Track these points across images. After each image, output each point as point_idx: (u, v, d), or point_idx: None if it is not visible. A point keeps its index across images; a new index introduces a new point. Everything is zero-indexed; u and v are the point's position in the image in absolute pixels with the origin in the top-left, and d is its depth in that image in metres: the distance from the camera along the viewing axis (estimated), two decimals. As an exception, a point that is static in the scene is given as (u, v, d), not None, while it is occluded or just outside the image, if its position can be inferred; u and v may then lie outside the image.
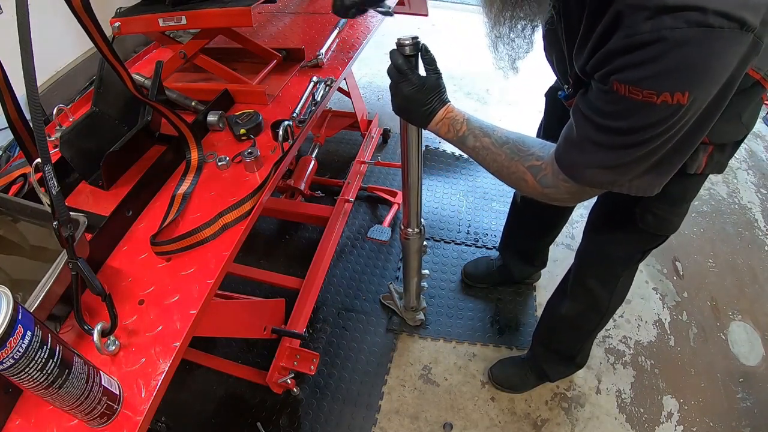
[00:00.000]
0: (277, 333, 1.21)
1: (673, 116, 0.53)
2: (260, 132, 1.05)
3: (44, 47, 2.15)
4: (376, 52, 2.96)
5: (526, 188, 0.76)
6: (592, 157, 0.63)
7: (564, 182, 0.69)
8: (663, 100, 0.51)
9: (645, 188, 0.67)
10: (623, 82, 0.53)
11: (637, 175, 0.64)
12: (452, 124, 0.81)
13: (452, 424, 1.29)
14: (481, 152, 0.78)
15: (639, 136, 0.57)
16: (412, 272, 1.32)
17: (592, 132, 0.61)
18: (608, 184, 0.66)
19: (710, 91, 0.53)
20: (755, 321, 1.53)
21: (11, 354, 0.46)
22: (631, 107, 0.54)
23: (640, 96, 0.52)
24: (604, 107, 0.58)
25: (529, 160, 0.73)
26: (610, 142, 0.60)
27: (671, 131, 0.56)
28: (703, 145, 0.78)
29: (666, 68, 0.50)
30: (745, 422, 1.30)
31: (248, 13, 1.01)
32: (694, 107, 0.53)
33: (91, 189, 0.93)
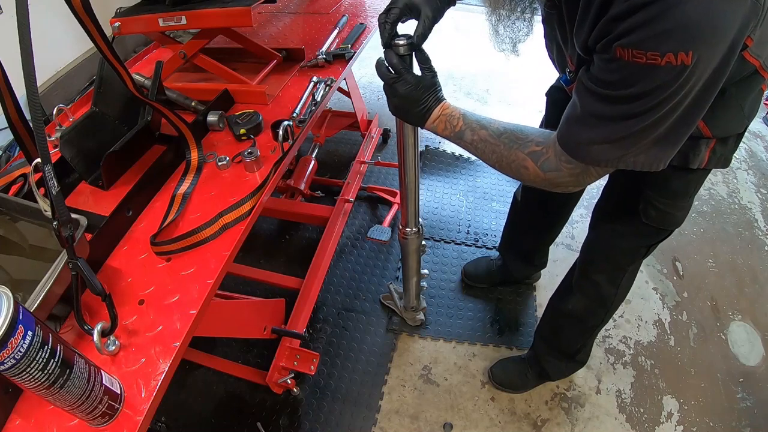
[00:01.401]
0: (277, 333, 1.21)
1: (678, 78, 0.52)
2: (260, 132, 1.05)
3: (44, 47, 2.15)
4: (376, 53, 2.96)
5: (527, 176, 0.74)
6: (597, 131, 0.61)
7: (567, 164, 0.68)
8: (667, 61, 0.50)
9: (651, 162, 0.63)
10: (626, 47, 0.52)
11: (643, 148, 0.61)
12: (449, 121, 0.80)
13: (452, 424, 1.29)
14: (479, 145, 0.78)
15: (645, 103, 0.55)
16: (411, 272, 1.32)
17: (596, 105, 0.60)
18: (614, 160, 0.63)
19: (714, 51, 0.51)
20: (755, 321, 1.53)
21: (12, 354, 0.46)
22: (635, 72, 0.53)
23: (643, 59, 0.51)
24: (608, 77, 0.57)
25: (529, 147, 0.72)
26: (614, 112, 0.58)
27: (677, 96, 0.54)
28: (705, 138, 0.78)
29: (667, 27, 0.49)
30: (745, 422, 1.30)
31: (248, 13, 1.01)
32: (699, 69, 0.52)
33: (91, 189, 0.93)
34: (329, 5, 1.63)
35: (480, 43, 3.05)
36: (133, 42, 2.67)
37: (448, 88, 2.62)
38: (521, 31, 0.75)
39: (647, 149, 0.62)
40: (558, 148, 0.68)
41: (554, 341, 1.28)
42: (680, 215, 0.91)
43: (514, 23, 0.73)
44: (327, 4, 1.65)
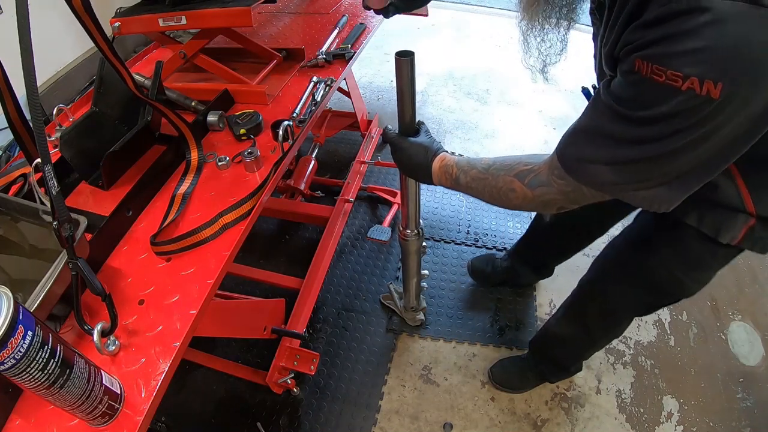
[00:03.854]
0: (277, 333, 1.21)
1: (699, 112, 0.44)
2: (260, 132, 1.05)
3: (44, 47, 2.15)
4: (376, 52, 2.96)
5: (515, 199, 0.70)
6: (600, 150, 0.55)
7: (559, 179, 0.63)
8: (689, 87, 0.42)
9: (652, 202, 0.56)
10: (646, 60, 0.45)
11: (647, 183, 0.54)
12: (446, 171, 0.81)
13: (452, 424, 1.29)
14: (473, 185, 0.76)
15: (656, 131, 0.48)
16: (411, 273, 1.32)
17: (605, 120, 0.54)
18: (610, 185, 0.57)
19: (752, 92, 0.42)
20: (755, 321, 1.53)
21: (12, 354, 0.46)
22: (652, 91, 0.46)
23: (662, 77, 0.44)
24: (623, 92, 0.50)
25: (516, 169, 0.69)
26: (623, 133, 0.52)
27: (695, 133, 0.46)
28: (744, 214, 0.68)
29: (697, 46, 0.40)
30: (745, 422, 1.29)
31: (248, 13, 1.01)
32: (729, 109, 0.43)
33: (91, 189, 0.93)
34: (329, 5, 1.63)
35: (480, 43, 3.05)
36: (133, 42, 2.67)
37: (448, 88, 2.62)
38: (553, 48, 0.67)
39: (652, 186, 0.54)
40: (554, 162, 0.63)
41: (546, 355, 1.28)
42: (693, 287, 0.83)
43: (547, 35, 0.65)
44: (327, 4, 1.65)
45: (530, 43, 0.67)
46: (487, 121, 2.39)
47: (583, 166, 0.58)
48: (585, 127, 0.58)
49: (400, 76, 0.85)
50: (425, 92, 2.61)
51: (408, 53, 0.82)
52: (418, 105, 2.51)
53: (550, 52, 0.68)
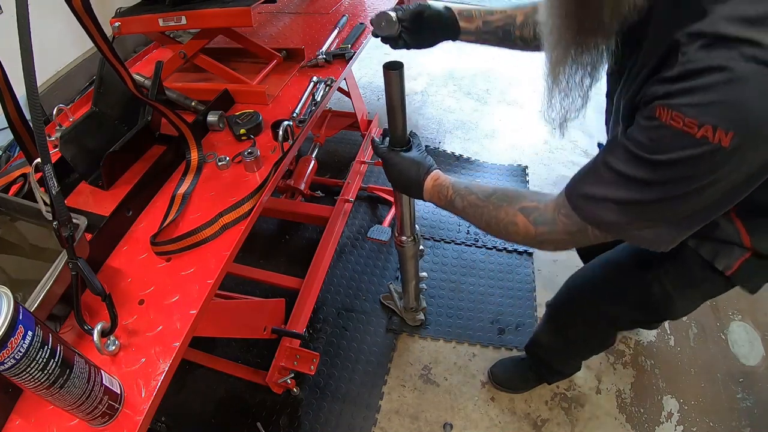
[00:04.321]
0: (277, 333, 1.21)
1: (710, 159, 0.48)
2: (260, 132, 1.05)
3: (44, 47, 2.15)
4: (376, 53, 2.96)
5: (516, 232, 0.71)
6: (611, 189, 0.57)
7: (565, 218, 0.64)
8: (703, 135, 0.47)
9: (654, 241, 0.59)
10: (667, 107, 0.49)
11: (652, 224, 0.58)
12: (440, 192, 0.81)
13: (452, 424, 1.29)
14: (469, 210, 0.77)
15: (668, 175, 0.52)
16: (409, 276, 1.32)
17: (620, 161, 0.56)
18: (615, 226, 0.59)
19: (759, 145, 0.47)
20: (755, 321, 1.53)
21: (12, 354, 0.46)
22: (669, 136, 0.50)
23: (680, 124, 0.48)
24: (642, 136, 0.53)
25: (521, 203, 0.70)
26: (636, 174, 0.54)
27: (704, 180, 0.50)
28: (740, 248, 0.71)
29: (713, 99, 0.46)
30: (745, 422, 1.30)
31: (248, 13, 1.01)
32: (736, 159, 0.48)
33: (91, 189, 0.93)
34: (329, 5, 1.63)
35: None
36: (133, 42, 2.67)
37: (448, 88, 2.62)
38: (574, 104, 0.69)
39: (656, 226, 0.58)
40: (560, 200, 0.65)
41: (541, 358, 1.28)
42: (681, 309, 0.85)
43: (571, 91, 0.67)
44: (327, 4, 1.65)
45: (554, 98, 0.70)
46: (487, 121, 2.39)
47: (592, 205, 0.60)
48: (598, 167, 0.60)
49: (390, 88, 0.84)
50: (425, 92, 2.61)
51: (397, 65, 0.81)
52: (418, 105, 2.51)
53: (571, 108, 0.70)
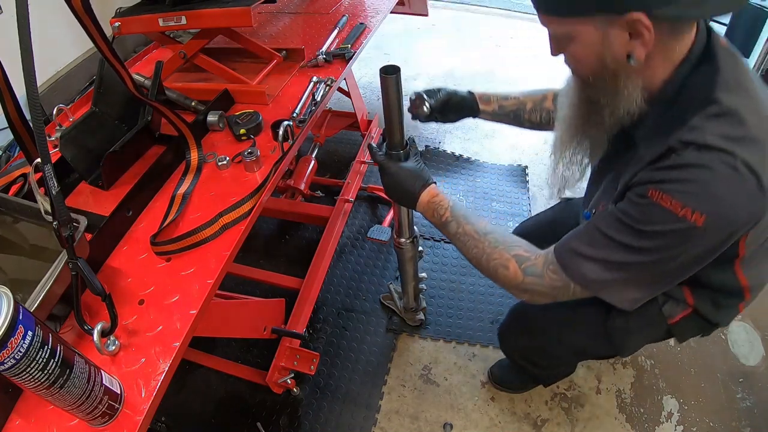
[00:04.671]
0: (277, 333, 1.21)
1: (685, 234, 0.60)
2: (260, 132, 1.05)
3: (44, 47, 2.15)
4: (376, 52, 2.96)
5: (504, 275, 0.77)
6: (599, 250, 0.68)
7: (552, 274, 0.73)
8: (684, 215, 0.59)
9: (624, 301, 0.71)
10: (659, 190, 0.60)
11: (626, 285, 0.69)
12: (436, 210, 0.85)
13: (452, 424, 1.29)
14: (463, 238, 0.82)
15: (651, 243, 0.63)
16: (408, 278, 1.32)
17: (610, 227, 0.67)
18: (597, 283, 0.69)
19: (720, 225, 0.59)
20: (755, 321, 1.53)
21: (12, 354, 0.46)
22: (657, 213, 0.61)
23: (668, 204, 0.60)
24: (633, 210, 0.64)
25: (515, 250, 0.77)
26: (623, 239, 0.65)
27: (676, 249, 0.62)
28: (684, 303, 0.85)
29: (696, 190, 0.58)
30: (745, 422, 1.29)
31: (248, 13, 1.01)
32: (702, 235, 0.60)
33: (91, 189, 0.93)
34: (329, 5, 1.63)
35: (480, 43, 3.05)
36: (133, 42, 2.67)
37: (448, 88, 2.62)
38: (573, 176, 0.83)
39: (630, 287, 0.69)
40: (550, 257, 0.73)
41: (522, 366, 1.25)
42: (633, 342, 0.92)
43: (572, 166, 0.82)
44: (327, 4, 1.65)
45: (557, 170, 0.84)
46: (487, 121, 2.39)
47: (578, 262, 0.70)
48: (590, 231, 0.70)
49: (387, 93, 0.83)
50: (425, 92, 2.61)
51: (394, 69, 0.81)
52: (418, 105, 2.51)
53: (570, 179, 0.85)
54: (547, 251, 0.75)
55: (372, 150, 0.92)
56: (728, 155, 0.57)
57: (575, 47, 0.65)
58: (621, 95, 0.66)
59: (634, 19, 0.57)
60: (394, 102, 0.84)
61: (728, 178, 0.58)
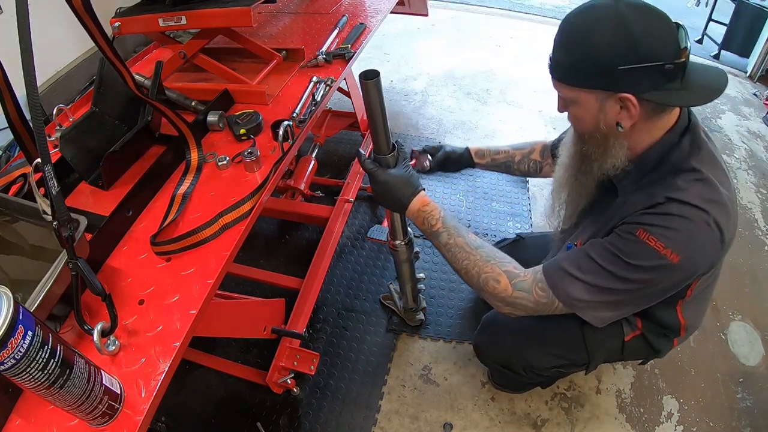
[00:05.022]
0: (277, 333, 1.21)
1: (661, 269, 0.74)
2: (260, 132, 1.05)
3: (44, 47, 2.14)
4: (376, 52, 2.96)
5: (494, 288, 0.85)
6: (588, 275, 0.79)
7: (540, 291, 0.83)
8: (664, 254, 0.72)
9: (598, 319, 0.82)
10: (647, 232, 0.73)
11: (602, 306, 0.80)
12: (427, 219, 0.90)
13: (452, 424, 1.29)
14: (453, 249, 0.89)
15: (632, 273, 0.75)
16: (405, 279, 1.32)
17: (598, 254, 0.78)
18: (580, 303, 0.80)
19: (688, 266, 0.74)
20: (755, 321, 1.53)
21: (12, 354, 0.46)
22: (643, 249, 0.74)
23: (653, 243, 0.73)
24: (622, 244, 0.76)
25: (507, 267, 0.86)
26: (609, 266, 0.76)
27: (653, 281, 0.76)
28: (635, 326, 0.99)
29: (677, 235, 0.72)
30: (745, 422, 1.29)
31: (248, 13, 1.01)
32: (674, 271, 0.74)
33: (91, 189, 0.93)
34: (329, 5, 1.63)
35: (480, 43, 3.05)
36: (133, 42, 2.67)
37: (448, 88, 2.63)
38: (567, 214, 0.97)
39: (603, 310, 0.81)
40: (539, 276, 0.83)
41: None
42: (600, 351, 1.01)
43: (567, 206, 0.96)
44: (327, 4, 1.65)
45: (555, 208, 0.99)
46: (487, 121, 2.39)
47: (566, 283, 0.80)
48: (578, 256, 0.81)
49: (369, 99, 0.83)
50: (425, 92, 2.61)
51: (373, 74, 0.80)
52: (418, 105, 2.51)
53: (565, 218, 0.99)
54: (536, 270, 0.85)
55: (360, 158, 0.93)
56: (705, 213, 0.72)
57: (578, 109, 0.78)
58: (609, 153, 0.79)
59: (625, 97, 0.71)
60: (377, 106, 0.84)
61: (702, 230, 0.72)
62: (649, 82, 0.70)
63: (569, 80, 0.76)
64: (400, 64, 2.86)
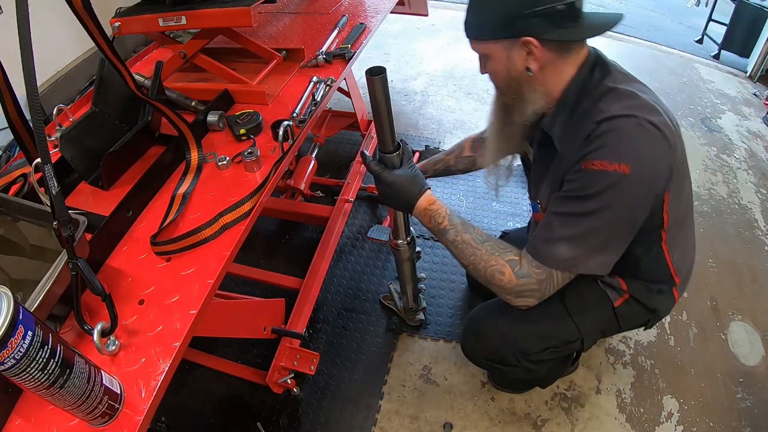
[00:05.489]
0: (277, 333, 1.21)
1: (620, 184, 0.74)
2: (260, 132, 1.05)
3: (44, 47, 2.15)
4: (376, 52, 2.96)
5: (500, 280, 0.86)
6: (561, 230, 0.80)
7: (536, 269, 0.84)
8: (613, 169, 0.73)
9: (597, 267, 0.82)
10: (589, 160, 0.75)
11: (591, 254, 0.80)
12: (434, 217, 0.92)
13: (452, 424, 1.29)
14: (460, 246, 0.90)
15: (597, 201, 0.76)
16: (406, 278, 1.32)
17: (561, 207, 0.80)
18: (572, 260, 0.81)
19: (643, 173, 0.74)
20: (755, 321, 1.53)
21: (12, 354, 0.46)
22: (593, 176, 0.75)
23: (600, 166, 0.74)
24: (573, 185, 0.78)
25: (509, 255, 0.87)
26: (574, 208, 0.78)
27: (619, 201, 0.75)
28: (621, 290, 0.98)
29: (617, 147, 0.74)
30: (745, 422, 1.29)
31: (248, 13, 1.01)
32: (631, 182, 0.74)
33: (91, 189, 0.93)
34: (329, 5, 1.63)
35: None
36: (133, 42, 2.67)
37: (448, 88, 2.62)
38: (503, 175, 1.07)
39: (595, 255, 0.80)
40: (527, 257, 0.85)
41: None
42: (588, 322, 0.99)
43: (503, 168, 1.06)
44: (327, 4, 1.65)
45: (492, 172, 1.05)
46: (487, 121, 2.39)
47: (549, 248, 0.82)
48: (545, 222, 0.83)
49: (375, 95, 0.83)
50: (425, 92, 2.61)
51: (379, 70, 0.80)
52: (419, 105, 2.51)
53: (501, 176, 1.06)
54: (524, 252, 0.87)
55: (365, 159, 0.93)
56: (633, 117, 0.74)
57: (492, 63, 0.84)
58: (525, 98, 0.84)
59: (527, 41, 0.77)
60: (383, 103, 0.84)
61: (638, 133, 0.74)
62: (546, 24, 0.76)
63: (479, 36, 0.83)
64: (400, 64, 2.86)
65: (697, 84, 2.80)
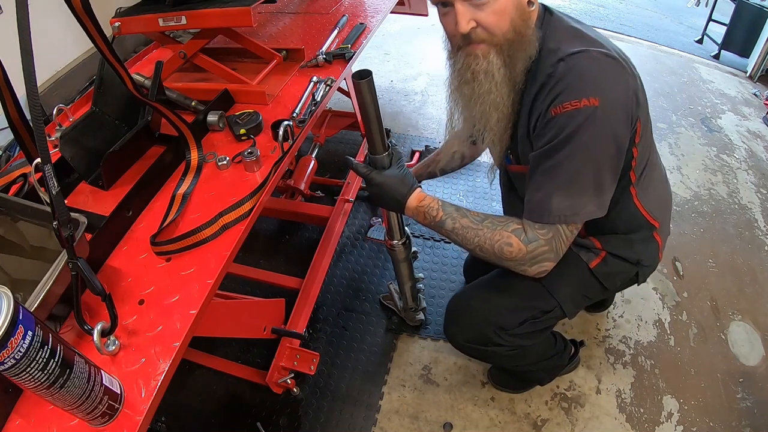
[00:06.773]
0: (277, 333, 1.21)
1: (592, 118, 0.74)
2: (260, 132, 1.05)
3: (44, 47, 2.14)
4: (376, 52, 2.96)
5: (510, 252, 0.84)
6: (550, 184, 0.79)
7: (540, 230, 0.82)
8: (583, 106, 0.73)
9: (595, 211, 0.81)
10: (556, 104, 0.75)
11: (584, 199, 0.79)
12: (427, 212, 0.90)
13: (452, 424, 1.29)
14: (461, 231, 0.88)
15: (573, 143, 0.75)
16: (403, 279, 1.32)
17: (541, 162, 0.80)
18: (569, 210, 0.79)
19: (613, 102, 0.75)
20: (755, 321, 1.53)
21: (12, 354, 0.46)
22: (564, 119, 0.75)
23: (568, 107, 0.74)
24: (546, 135, 0.78)
25: (511, 226, 0.85)
26: (556, 160, 0.78)
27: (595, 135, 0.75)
28: (596, 249, 0.98)
29: (578, 84, 0.75)
30: (745, 422, 1.29)
31: (248, 13, 1.01)
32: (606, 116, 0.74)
33: (91, 189, 0.93)
34: (329, 5, 1.63)
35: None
36: (133, 42, 2.67)
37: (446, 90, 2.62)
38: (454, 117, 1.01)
39: (588, 200, 0.79)
40: (529, 222, 0.83)
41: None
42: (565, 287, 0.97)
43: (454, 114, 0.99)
44: (327, 4, 1.65)
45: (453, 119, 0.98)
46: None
47: (544, 206, 0.80)
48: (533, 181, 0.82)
49: (362, 99, 0.82)
50: (425, 92, 2.61)
51: (366, 73, 0.80)
52: (418, 105, 2.51)
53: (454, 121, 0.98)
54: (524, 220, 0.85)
55: (352, 164, 0.93)
56: (584, 52, 0.76)
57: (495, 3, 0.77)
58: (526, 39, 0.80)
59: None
60: (370, 106, 0.83)
61: (595, 64, 0.75)
62: None
63: None
64: (400, 64, 2.86)
65: (697, 84, 2.80)
